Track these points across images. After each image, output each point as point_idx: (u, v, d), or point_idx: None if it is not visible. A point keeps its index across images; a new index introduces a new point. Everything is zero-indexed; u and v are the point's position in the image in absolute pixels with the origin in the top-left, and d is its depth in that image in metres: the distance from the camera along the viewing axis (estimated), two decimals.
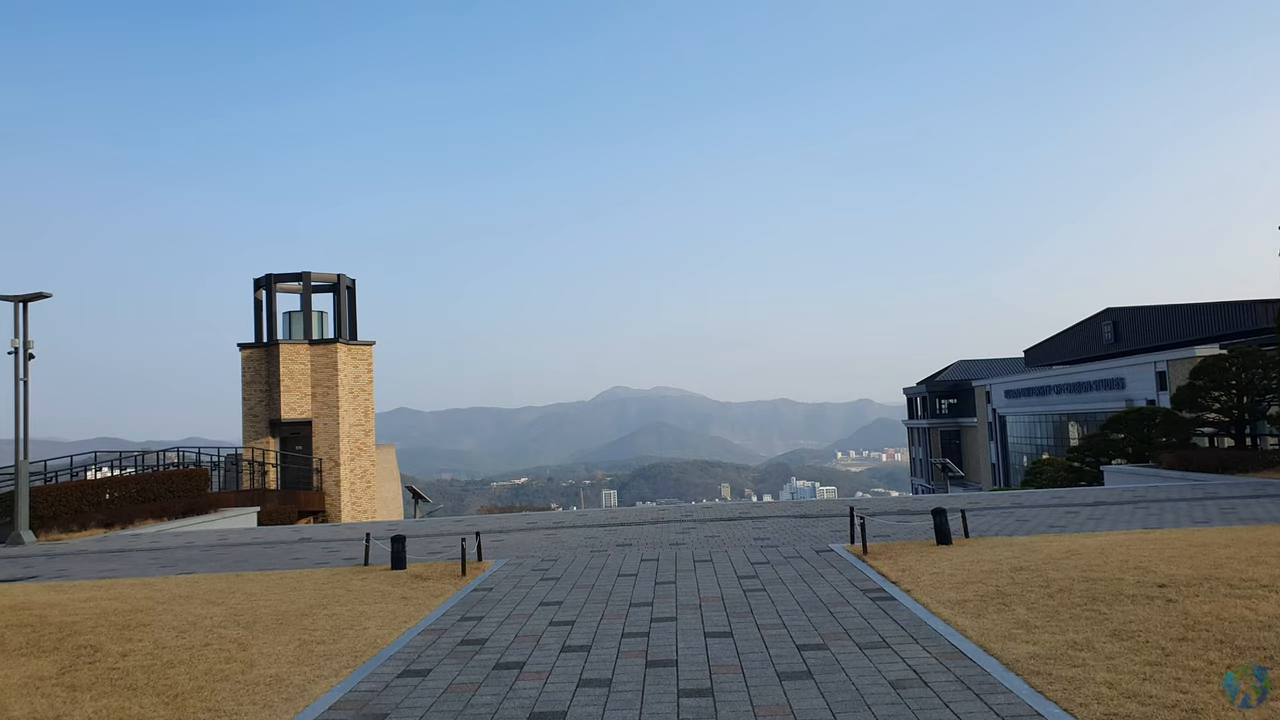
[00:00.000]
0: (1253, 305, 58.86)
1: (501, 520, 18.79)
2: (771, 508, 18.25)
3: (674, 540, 14.13)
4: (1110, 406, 65.97)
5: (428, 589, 10.47)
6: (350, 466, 37.60)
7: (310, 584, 11.16)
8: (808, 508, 18.23)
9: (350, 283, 39.23)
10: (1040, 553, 10.47)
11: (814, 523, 15.79)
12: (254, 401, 37.09)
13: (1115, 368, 66.09)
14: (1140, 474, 24.94)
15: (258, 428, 37.06)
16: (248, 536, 18.64)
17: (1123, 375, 64.80)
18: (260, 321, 37.89)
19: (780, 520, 16.41)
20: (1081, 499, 17.79)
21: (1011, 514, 15.74)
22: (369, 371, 39.11)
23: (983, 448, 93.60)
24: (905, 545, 12.08)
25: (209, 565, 14.10)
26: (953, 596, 8.55)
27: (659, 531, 15.49)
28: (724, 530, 15.27)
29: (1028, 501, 17.66)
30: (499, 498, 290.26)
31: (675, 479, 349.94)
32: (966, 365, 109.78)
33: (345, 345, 37.62)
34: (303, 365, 37.06)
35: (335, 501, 36.66)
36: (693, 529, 15.62)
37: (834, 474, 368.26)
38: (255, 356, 37.17)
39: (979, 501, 17.87)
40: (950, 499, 19.27)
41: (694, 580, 10.37)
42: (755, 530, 15.06)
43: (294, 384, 36.81)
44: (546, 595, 9.88)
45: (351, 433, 38.01)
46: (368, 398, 38.94)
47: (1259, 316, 58.26)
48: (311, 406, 36.96)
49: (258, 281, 38.27)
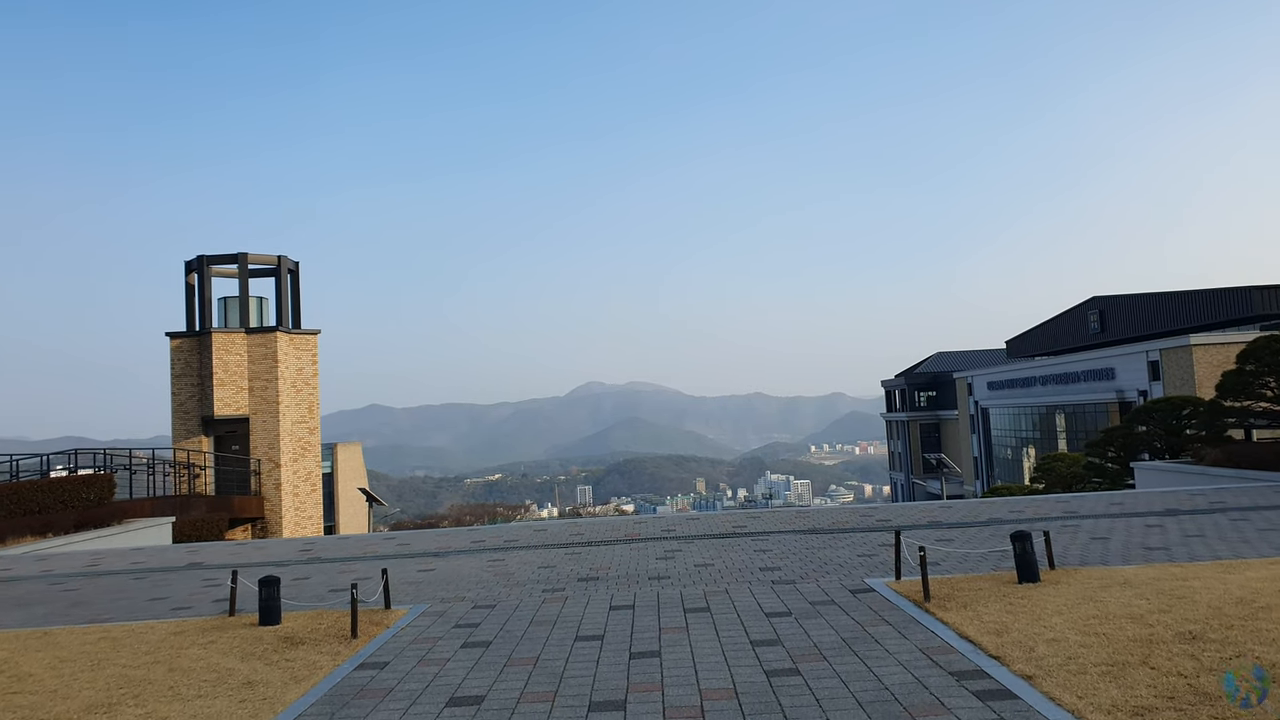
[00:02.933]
0: (1248, 292, 56.58)
1: (442, 538, 15.31)
2: (771, 519, 14.92)
3: (654, 571, 10.75)
4: (1100, 398, 63.65)
5: (290, 666, 7.01)
6: (292, 468, 33.88)
7: (130, 652, 7.69)
8: (815, 518, 14.91)
9: (293, 266, 35.42)
10: (1193, 601, 7.20)
11: (830, 542, 12.46)
12: (184, 397, 33.26)
13: (1104, 357, 63.79)
14: (1181, 471, 21.83)
15: (189, 426, 33.24)
16: (128, 560, 15.06)
17: (1112, 365, 62.51)
18: (192, 308, 34.04)
19: (785, 538, 13.07)
20: (1146, 506, 14.61)
21: (1077, 529, 12.48)
22: (314, 363, 35.36)
23: (964, 441, 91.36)
24: (974, 581, 8.76)
25: (34, 608, 10.57)
26: (1113, 695, 5.24)
27: (634, 556, 12.09)
28: (718, 553, 11.90)
29: (1081, 510, 14.47)
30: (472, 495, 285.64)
31: (650, 474, 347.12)
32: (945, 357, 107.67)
33: (286, 334, 33.86)
34: (238, 356, 33.30)
35: (276, 506, 32.95)
36: (677, 552, 12.22)
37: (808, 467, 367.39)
38: (186, 347, 33.33)
39: (1021, 511, 14.67)
40: (980, 506, 16.04)
41: (687, 649, 7.00)
42: (758, 553, 11.70)
43: (228, 377, 33.03)
44: (464, 681, 6.47)
45: (294, 430, 34.27)
46: (312, 392, 35.19)
47: (1254, 303, 56.00)
48: (249, 402, 33.19)
49: (189, 264, 34.40)
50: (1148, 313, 67.05)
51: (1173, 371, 53.75)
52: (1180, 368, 52.57)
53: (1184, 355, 52.00)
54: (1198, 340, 51.37)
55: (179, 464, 30.34)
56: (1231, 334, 52.90)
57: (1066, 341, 76.46)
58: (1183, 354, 52.17)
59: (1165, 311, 64.75)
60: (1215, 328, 57.74)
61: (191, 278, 34.11)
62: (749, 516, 15.28)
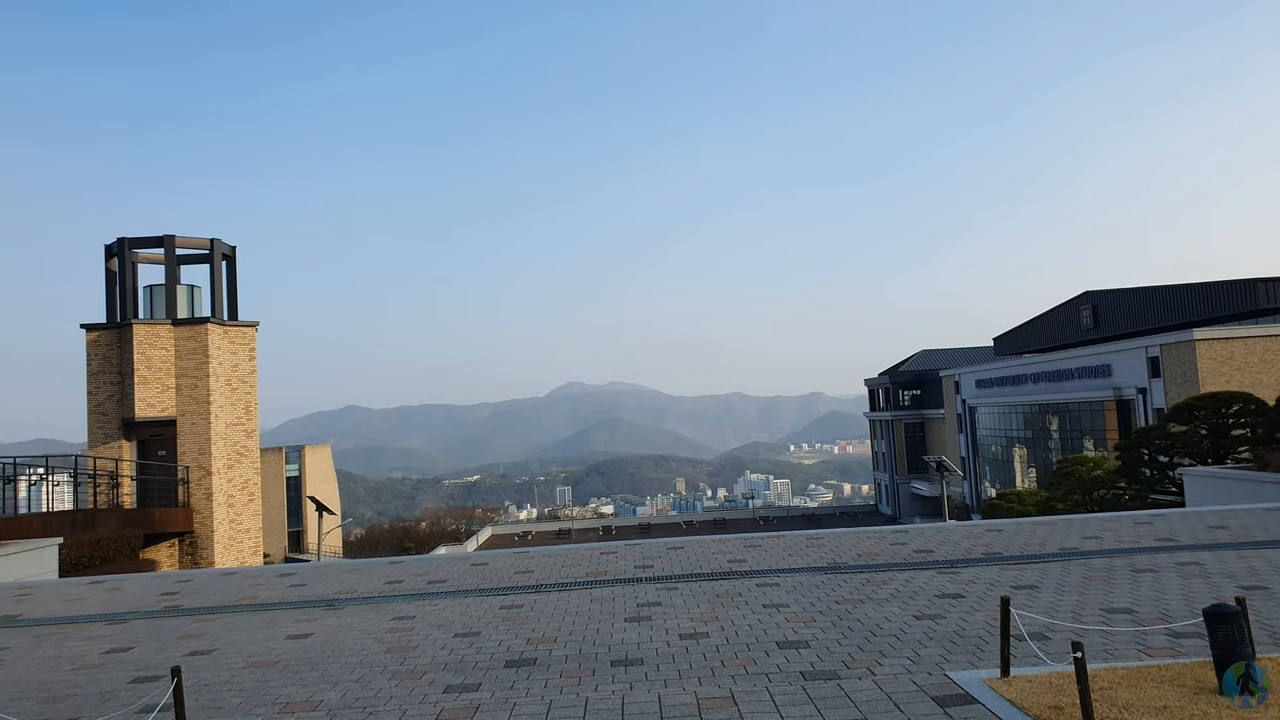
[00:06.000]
0: (1251, 284, 54.06)
1: (350, 575, 11.69)
2: (776, 550, 11.35)
3: (620, 647, 7.33)
4: (1095, 395, 60.94)
5: None
6: (226, 475, 30.19)
7: None
8: (833, 547, 11.40)
9: (229, 250, 31.69)
10: None
11: (864, 587, 9.07)
12: (102, 397, 29.49)
13: (1100, 354, 61.23)
14: (1244, 479, 18.68)
15: (108, 429, 29.49)
16: None
17: (1109, 362, 59.90)
18: (113, 297, 30.27)
19: (801, 579, 9.67)
20: (1265, 531, 11.29)
21: (1202, 572, 9.10)
22: (251, 359, 31.64)
23: (951, 440, 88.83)
24: (1141, 684, 5.42)
25: None
26: None
27: (594, 615, 8.63)
28: (712, 609, 8.50)
29: (1178, 535, 11.05)
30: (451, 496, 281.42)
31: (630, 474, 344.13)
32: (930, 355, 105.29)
33: (220, 326, 30.15)
34: (164, 351, 29.55)
35: (206, 519, 29.28)
36: (655, 607, 8.77)
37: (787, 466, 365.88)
38: (104, 340, 29.57)
39: (1099, 537, 11.27)
40: (1037, 529, 12.71)
41: None
42: (769, 611, 8.29)
43: (152, 374, 29.29)
44: None
45: (228, 434, 30.58)
46: (250, 390, 31.48)
47: (1259, 296, 53.47)
48: (176, 402, 29.46)
49: (109, 248, 30.60)
50: (1144, 307, 64.54)
51: (1174, 367, 51.07)
52: (1182, 363, 49.91)
53: (1186, 350, 49.34)
54: (1201, 335, 48.73)
55: (95, 473, 26.64)
56: (1236, 328, 50.30)
57: (1058, 338, 73.94)
58: (1185, 349, 49.51)
59: (1163, 306, 62.22)
60: (1217, 322, 55.22)
61: (112, 263, 30.33)
62: (748, 546, 11.80)
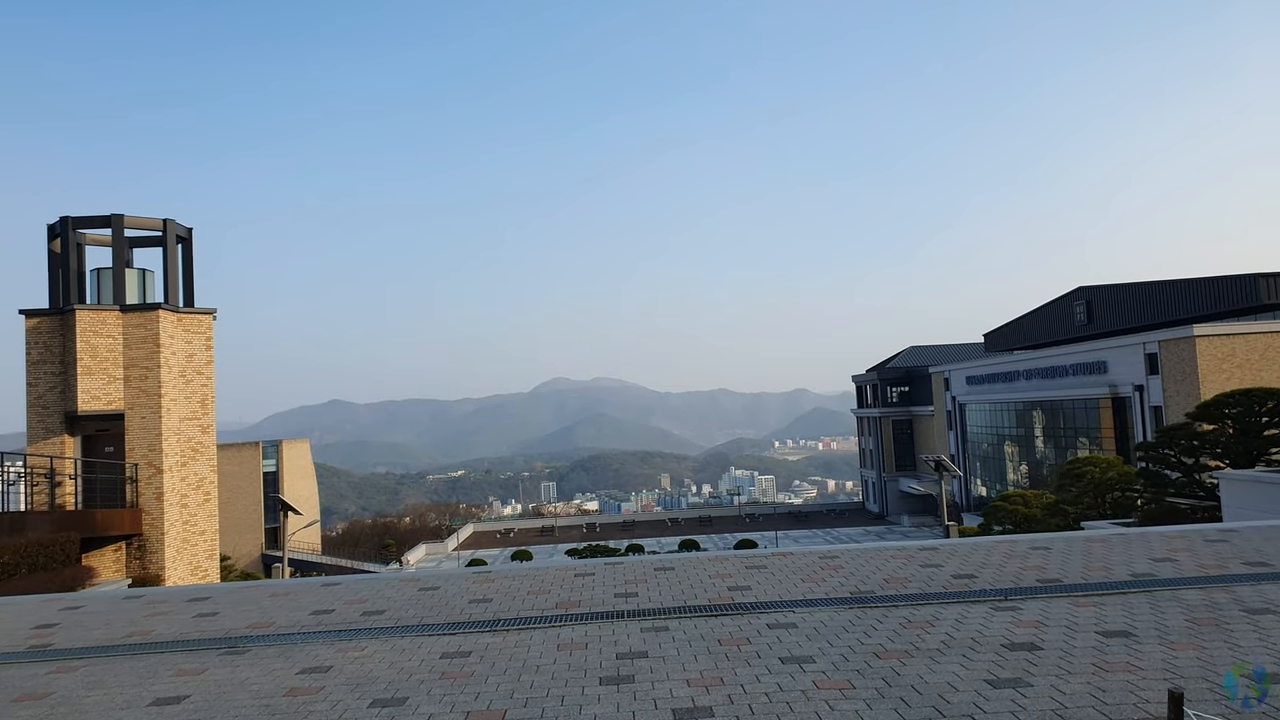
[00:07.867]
0: (1253, 280, 52.72)
1: (275, 603, 9.54)
2: (786, 571, 9.27)
3: None
4: (1090, 392, 59.48)
5: None
6: (179, 474, 28.15)
7: None
8: (853, 571, 9.39)
9: (185, 232, 29.56)
10: None
11: (903, 628, 7.10)
12: (43, 388, 27.41)
13: (1095, 350, 59.90)
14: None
15: (49, 424, 27.42)
16: None
17: (1104, 358, 58.57)
18: (56, 280, 28.15)
19: (822, 616, 7.68)
20: None
21: None
22: (208, 348, 29.57)
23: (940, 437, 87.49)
24: None
25: None
26: None
27: (559, 674, 6.45)
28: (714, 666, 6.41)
29: (1269, 557, 9.25)
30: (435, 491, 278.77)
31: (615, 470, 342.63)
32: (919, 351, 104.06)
33: (173, 313, 28.08)
34: (111, 339, 27.51)
35: (157, 521, 27.25)
36: (640, 659, 6.54)
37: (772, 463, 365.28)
38: (45, 327, 27.49)
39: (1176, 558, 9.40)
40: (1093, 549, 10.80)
41: None
42: (790, 666, 6.23)
43: (97, 364, 27.24)
44: None
45: (182, 429, 28.53)
46: (206, 382, 29.41)
47: (1260, 291, 52.17)
48: (124, 394, 27.44)
49: (52, 228, 28.47)
50: (1141, 303, 63.22)
51: (1173, 364, 49.65)
52: (1182, 360, 48.50)
53: (1186, 347, 47.94)
54: (1202, 331, 47.31)
55: (28, 471, 24.53)
56: (1237, 324, 48.94)
57: (1051, 334, 72.58)
58: (1185, 345, 48.11)
59: (1161, 301, 60.88)
60: (1217, 318, 53.89)
61: (55, 244, 28.19)
62: (750, 567, 9.74)
